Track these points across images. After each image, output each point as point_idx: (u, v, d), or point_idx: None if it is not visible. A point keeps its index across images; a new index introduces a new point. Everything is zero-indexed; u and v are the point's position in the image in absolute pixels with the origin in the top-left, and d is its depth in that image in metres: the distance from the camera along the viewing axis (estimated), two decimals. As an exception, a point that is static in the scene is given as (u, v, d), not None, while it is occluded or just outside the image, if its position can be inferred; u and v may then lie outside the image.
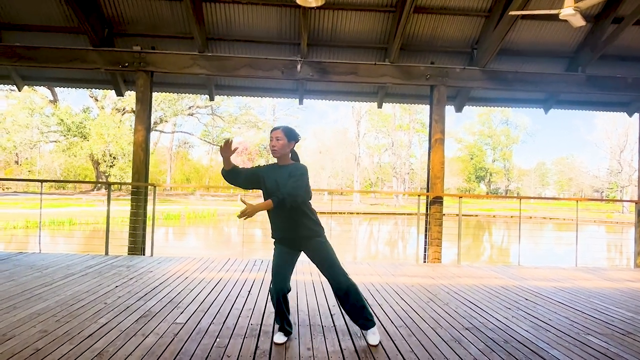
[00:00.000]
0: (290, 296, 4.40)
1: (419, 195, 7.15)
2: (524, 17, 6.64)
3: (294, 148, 3.16)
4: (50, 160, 41.63)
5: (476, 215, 35.17)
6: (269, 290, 3.12)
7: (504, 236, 23.86)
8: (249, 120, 46.52)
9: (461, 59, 7.65)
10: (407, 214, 32.33)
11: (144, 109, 6.76)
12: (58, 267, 5.43)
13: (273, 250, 3.15)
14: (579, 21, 5.11)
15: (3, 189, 36.81)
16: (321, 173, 51.62)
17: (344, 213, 33.22)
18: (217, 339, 3.11)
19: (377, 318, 3.70)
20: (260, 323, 3.51)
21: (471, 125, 62.45)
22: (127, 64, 6.75)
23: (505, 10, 6.27)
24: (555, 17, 6.09)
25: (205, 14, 6.88)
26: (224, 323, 3.47)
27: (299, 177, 2.93)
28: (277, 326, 3.24)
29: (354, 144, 49.04)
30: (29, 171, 42.54)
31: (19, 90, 7.84)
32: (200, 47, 6.85)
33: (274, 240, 3.16)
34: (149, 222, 6.85)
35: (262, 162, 49.42)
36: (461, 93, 8.30)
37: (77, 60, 6.71)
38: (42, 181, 7.00)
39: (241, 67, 6.87)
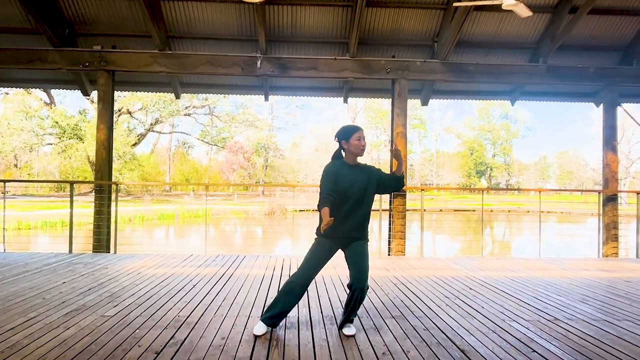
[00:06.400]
0: (225, 289, 4.45)
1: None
2: (478, 8, 6.63)
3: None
4: (47, 162, 41.84)
5: (473, 210, 35.32)
6: (290, 281, 3.11)
7: (504, 230, 23.82)
8: (247, 120, 46.58)
9: (423, 52, 7.66)
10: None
11: (105, 108, 6.81)
12: (15, 265, 5.49)
13: (314, 243, 3.19)
14: (524, 11, 5.11)
15: (2, 192, 37.08)
16: (318, 171, 51.48)
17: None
18: (137, 330, 3.15)
19: (309, 310, 3.74)
20: (188, 315, 3.55)
21: (471, 120, 62.28)
22: (87, 64, 6.79)
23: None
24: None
25: (165, 12, 6.91)
26: (151, 315, 3.51)
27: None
28: (263, 316, 3.18)
29: (351, 141, 48.71)
30: (28, 174, 42.81)
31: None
32: (160, 46, 6.89)
33: (319, 235, 3.17)
34: (113, 220, 6.91)
35: (260, 161, 49.41)
36: (426, 86, 8.30)
37: (37, 61, 6.76)
38: (4, 181, 7.08)
39: (201, 65, 6.90)
